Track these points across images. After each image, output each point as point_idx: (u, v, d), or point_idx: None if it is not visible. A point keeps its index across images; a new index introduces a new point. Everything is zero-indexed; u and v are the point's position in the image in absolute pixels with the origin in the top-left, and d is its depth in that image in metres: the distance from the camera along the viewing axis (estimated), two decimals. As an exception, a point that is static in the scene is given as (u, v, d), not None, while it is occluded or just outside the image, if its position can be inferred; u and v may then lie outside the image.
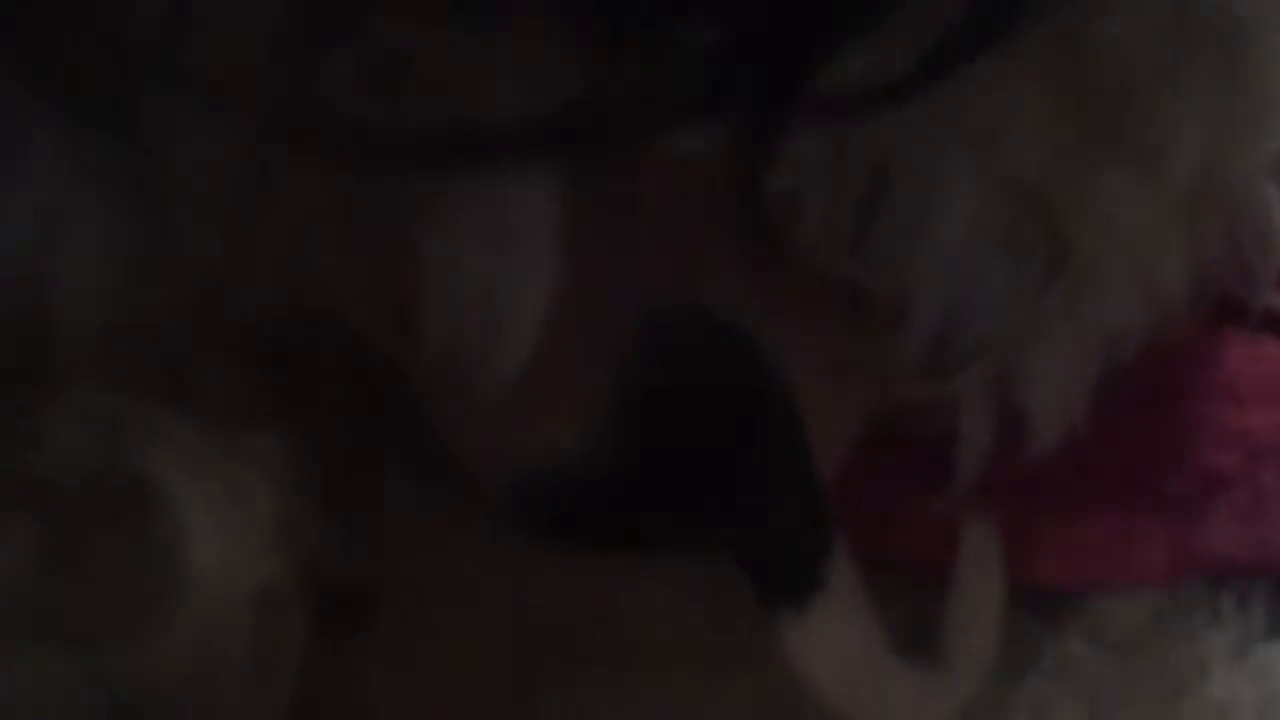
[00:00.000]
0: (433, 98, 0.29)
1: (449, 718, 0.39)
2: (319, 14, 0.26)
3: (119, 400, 0.30)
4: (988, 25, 0.29)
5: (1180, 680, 0.40)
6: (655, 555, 0.41)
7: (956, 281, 0.35)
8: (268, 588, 0.31)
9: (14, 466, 0.28)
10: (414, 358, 0.36)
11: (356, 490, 0.38)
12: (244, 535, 0.30)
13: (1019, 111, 0.34)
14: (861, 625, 0.38)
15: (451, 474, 0.40)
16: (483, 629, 0.41)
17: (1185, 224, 0.37)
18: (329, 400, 0.37)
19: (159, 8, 0.26)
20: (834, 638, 0.38)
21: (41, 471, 0.29)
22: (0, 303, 0.30)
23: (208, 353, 0.33)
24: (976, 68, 0.32)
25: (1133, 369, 0.40)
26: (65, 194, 0.29)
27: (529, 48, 0.29)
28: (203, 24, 0.26)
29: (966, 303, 0.36)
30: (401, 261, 0.33)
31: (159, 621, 0.28)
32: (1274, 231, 0.41)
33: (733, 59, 0.28)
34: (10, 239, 0.29)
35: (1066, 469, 0.41)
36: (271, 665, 0.33)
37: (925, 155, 0.34)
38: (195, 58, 0.26)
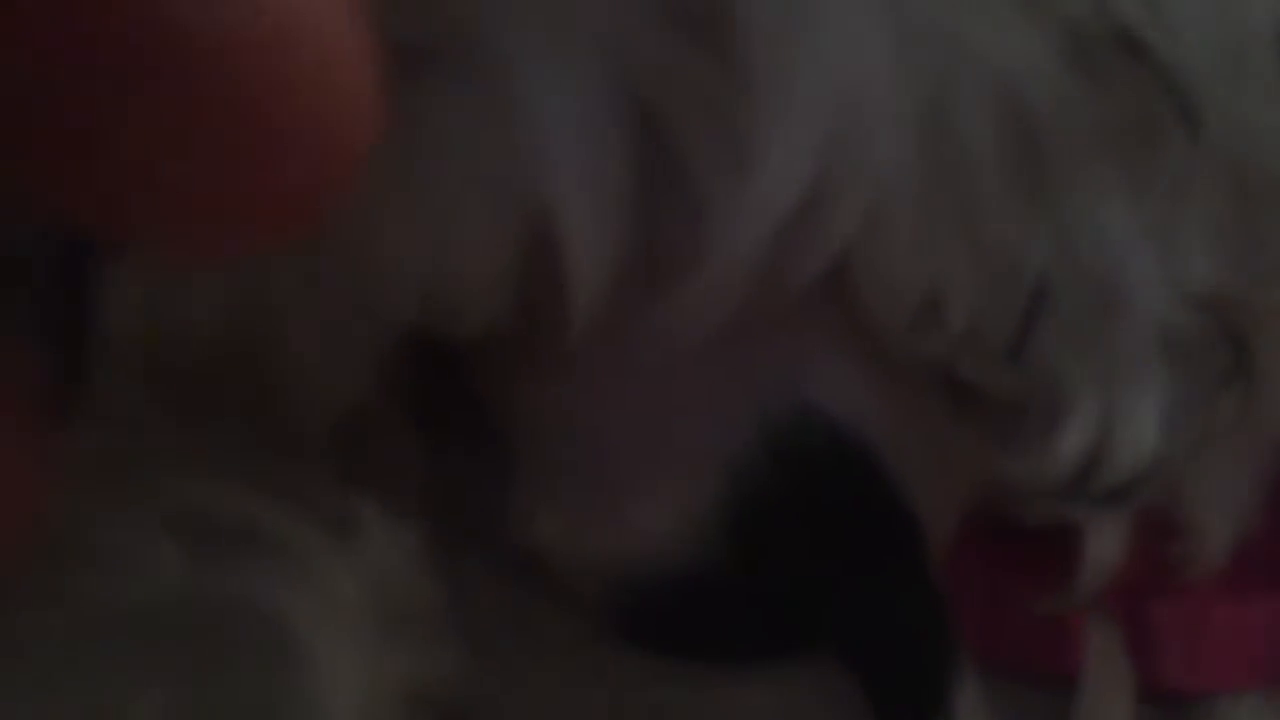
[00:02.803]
0: None
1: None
2: None
3: (206, 493, 0.26)
4: None
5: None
6: (760, 664, 0.36)
7: (1122, 392, 0.31)
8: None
9: (118, 606, 0.25)
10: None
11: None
12: (378, 676, 0.27)
13: (1198, 213, 0.30)
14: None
15: (537, 576, 0.36)
16: None
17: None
18: (410, 494, 0.33)
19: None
20: None
21: (147, 601, 0.25)
22: None
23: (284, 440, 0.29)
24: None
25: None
26: None
27: None
28: None
29: (1132, 414, 0.31)
30: None
31: None
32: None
33: None
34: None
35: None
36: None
37: (1103, 259, 0.30)
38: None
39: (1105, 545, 0.35)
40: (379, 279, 0.28)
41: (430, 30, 0.26)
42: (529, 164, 0.27)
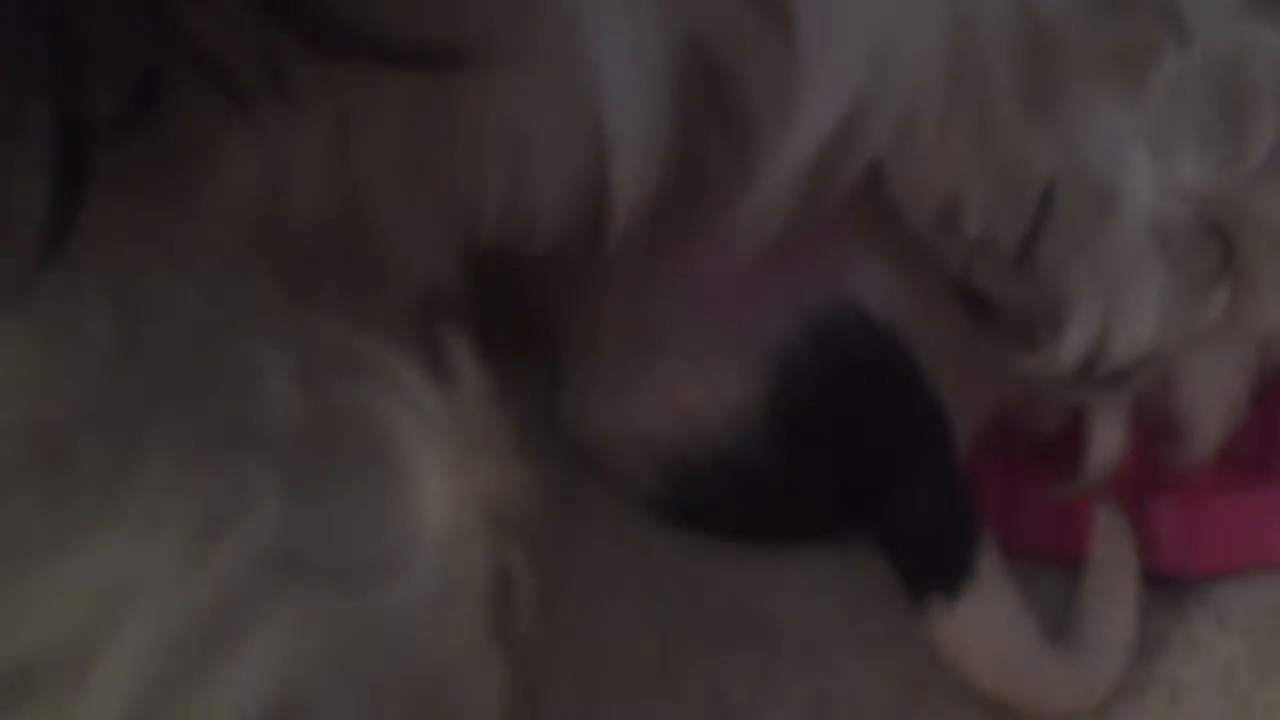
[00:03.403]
0: None
1: (599, 690, 0.39)
2: None
3: (312, 328, 0.29)
4: None
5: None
6: (799, 544, 0.41)
7: (1120, 289, 0.35)
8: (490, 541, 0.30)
9: (237, 415, 0.27)
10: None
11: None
12: (464, 490, 0.28)
13: (1189, 119, 0.34)
14: (1011, 612, 0.38)
15: (588, 460, 0.40)
16: (623, 609, 0.41)
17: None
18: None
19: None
20: (985, 624, 0.38)
21: (265, 416, 0.27)
22: None
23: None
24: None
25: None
26: None
27: None
28: None
29: (1129, 310, 0.35)
30: None
31: (399, 572, 0.27)
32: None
33: None
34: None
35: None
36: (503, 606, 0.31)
37: (1103, 162, 0.33)
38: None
39: (1109, 435, 0.39)
40: (463, 183, 0.32)
41: None
42: (590, 93, 0.31)
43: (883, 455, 0.39)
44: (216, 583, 0.24)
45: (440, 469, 0.27)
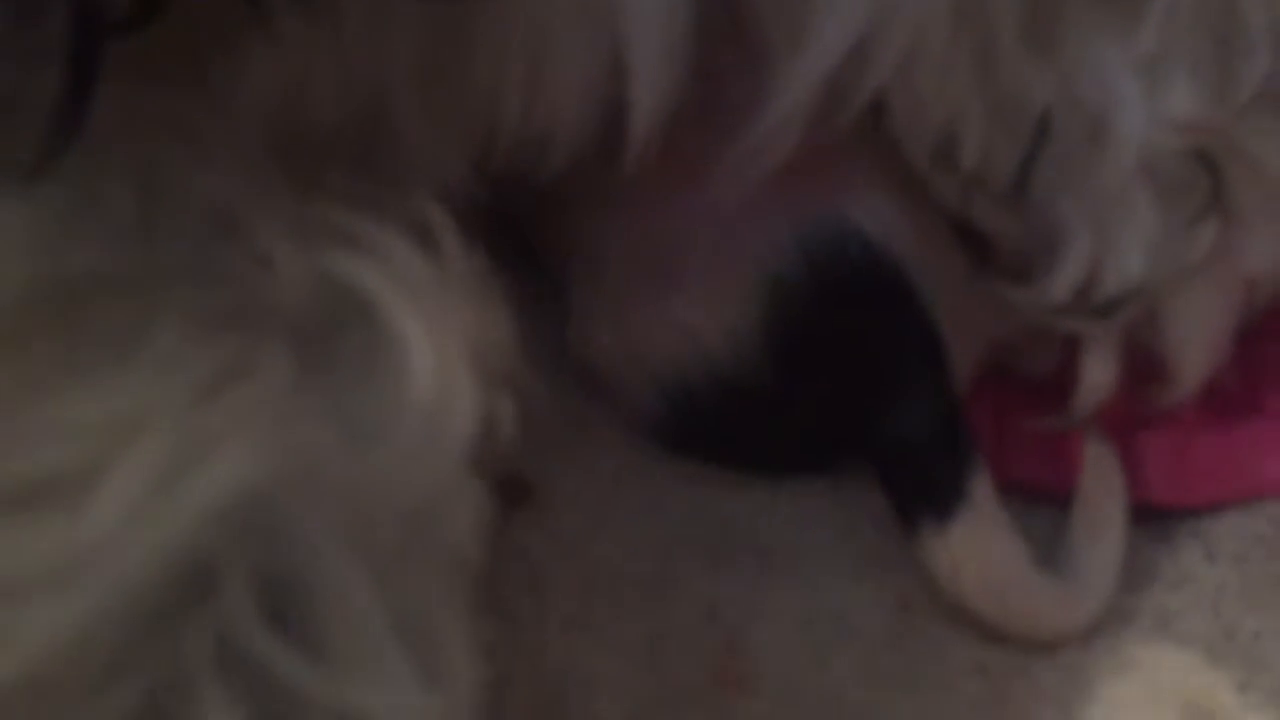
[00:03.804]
0: None
1: (599, 598, 0.40)
2: None
3: (315, 210, 0.30)
4: None
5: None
6: (791, 472, 0.42)
7: (1111, 223, 0.35)
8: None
9: (249, 292, 0.28)
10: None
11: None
12: (458, 348, 0.30)
13: (1182, 50, 0.35)
14: (1003, 536, 0.39)
15: (593, 386, 0.41)
16: (624, 526, 0.42)
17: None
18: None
19: None
20: (977, 548, 0.39)
21: (273, 295, 0.29)
22: None
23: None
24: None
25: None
26: None
27: None
28: None
29: (1120, 243, 0.36)
30: None
31: (389, 436, 0.28)
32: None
33: None
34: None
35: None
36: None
37: (1098, 92, 0.34)
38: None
39: (1099, 368, 0.40)
40: (482, 92, 0.33)
41: None
42: (609, 6, 0.32)
43: (880, 379, 0.40)
44: (220, 425, 0.25)
45: (427, 333, 0.28)
